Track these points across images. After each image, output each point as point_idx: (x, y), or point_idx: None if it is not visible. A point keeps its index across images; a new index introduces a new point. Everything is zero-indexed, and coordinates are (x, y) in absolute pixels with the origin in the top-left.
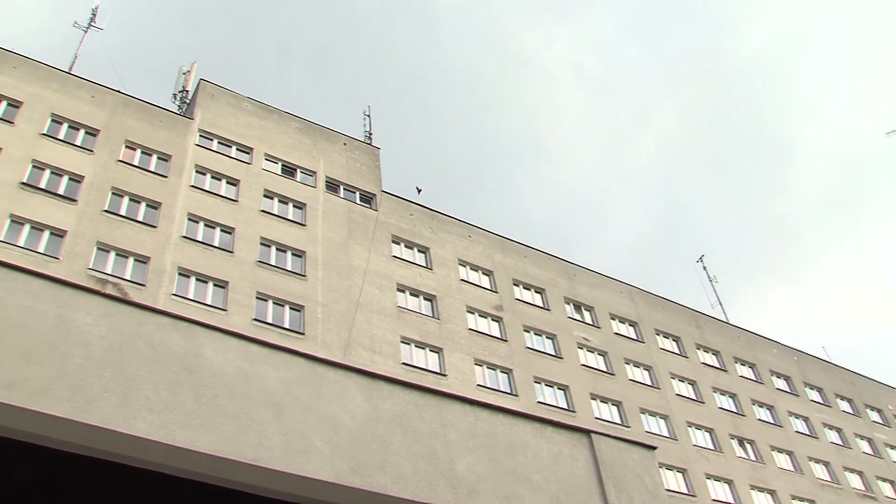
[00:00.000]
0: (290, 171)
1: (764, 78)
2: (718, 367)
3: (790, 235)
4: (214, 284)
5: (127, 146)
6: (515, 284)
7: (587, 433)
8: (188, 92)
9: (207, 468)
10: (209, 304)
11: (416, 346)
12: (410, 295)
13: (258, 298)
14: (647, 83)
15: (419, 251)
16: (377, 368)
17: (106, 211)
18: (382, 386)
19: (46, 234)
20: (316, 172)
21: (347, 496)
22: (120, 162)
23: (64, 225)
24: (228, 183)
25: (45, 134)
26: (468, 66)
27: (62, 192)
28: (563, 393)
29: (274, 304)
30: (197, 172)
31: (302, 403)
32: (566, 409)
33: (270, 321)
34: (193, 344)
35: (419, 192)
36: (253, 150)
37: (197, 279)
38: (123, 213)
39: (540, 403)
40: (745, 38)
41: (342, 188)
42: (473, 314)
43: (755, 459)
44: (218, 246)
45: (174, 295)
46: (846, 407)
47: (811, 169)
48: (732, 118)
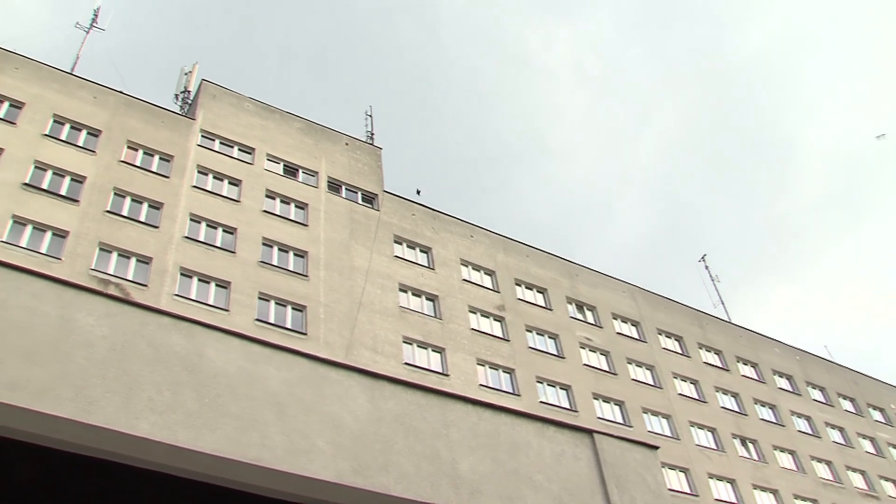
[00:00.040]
0: (291, 171)
1: (764, 78)
2: (721, 366)
3: (791, 235)
4: (216, 285)
5: (129, 147)
6: (517, 284)
7: (589, 433)
8: (190, 92)
9: (210, 468)
10: (211, 304)
11: (418, 346)
12: (412, 295)
13: (260, 299)
14: (647, 83)
15: (421, 251)
16: (379, 368)
17: (108, 211)
18: (385, 386)
19: (49, 234)
20: (318, 173)
21: (350, 496)
22: (122, 162)
23: (66, 225)
24: (230, 183)
25: (47, 135)
26: (469, 65)
27: (64, 192)
28: (565, 393)
29: (276, 304)
30: (199, 173)
31: (304, 403)
32: (568, 408)
33: (273, 321)
34: (196, 344)
35: (418, 194)
36: (255, 150)
37: (199, 279)
38: (125, 213)
39: (542, 403)
40: (745, 37)
41: (344, 188)
42: (475, 314)
43: (757, 459)
44: (220, 246)
45: (176, 295)
46: (848, 406)
47: (812, 169)
48: (733, 118)
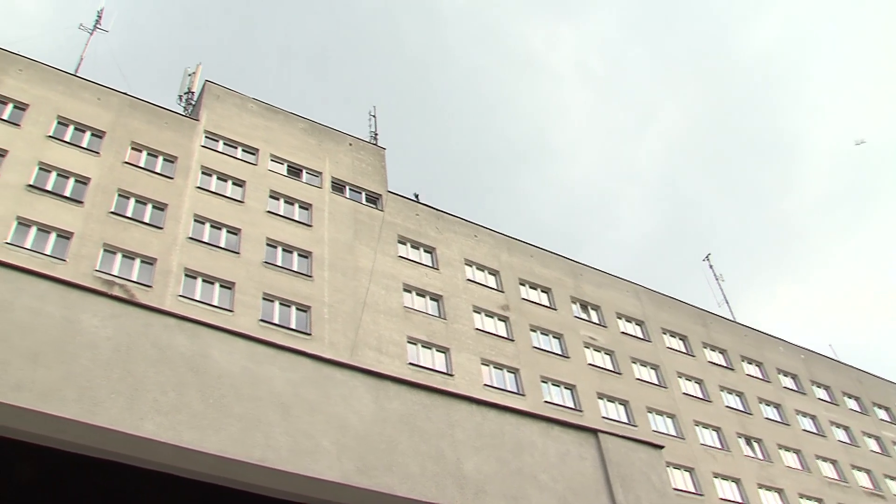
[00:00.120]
0: (295, 171)
1: (768, 77)
2: (725, 365)
3: (796, 234)
4: (221, 285)
5: (133, 148)
6: (522, 284)
7: (594, 432)
8: (193, 93)
9: (215, 469)
10: (216, 305)
11: (422, 346)
12: (417, 295)
13: (265, 299)
14: (651, 83)
15: (425, 251)
16: (384, 369)
17: (112, 213)
18: (389, 386)
19: (53, 236)
20: (322, 173)
21: (355, 496)
22: (126, 164)
23: (70, 227)
24: (234, 184)
25: (51, 136)
26: (472, 65)
27: (68, 194)
28: (569, 392)
29: (280, 304)
30: (203, 174)
31: (309, 404)
32: (573, 408)
33: (277, 322)
34: (200, 345)
35: (417, 197)
36: (258, 151)
37: (203, 280)
38: (130, 214)
39: (547, 403)
40: (749, 37)
41: (348, 189)
42: (480, 314)
43: (762, 458)
44: (224, 247)
45: (181, 296)
46: (853, 405)
47: (816, 168)
48: (737, 117)
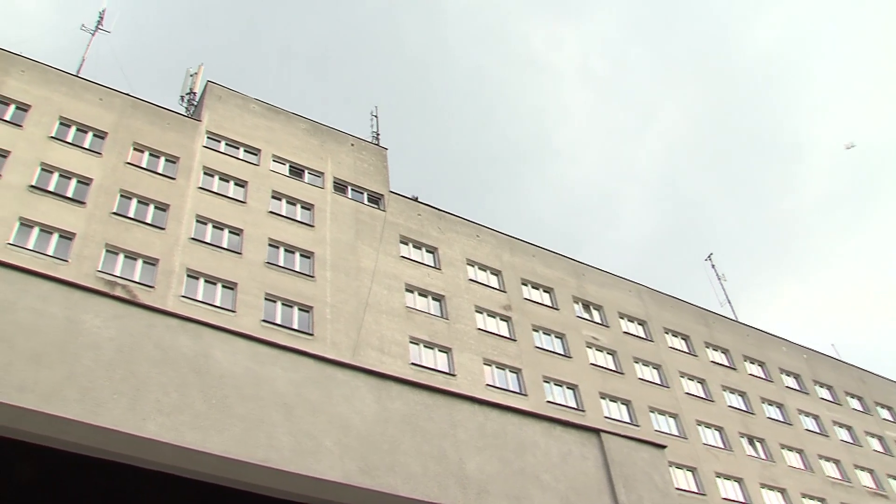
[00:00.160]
0: (297, 172)
1: (770, 77)
2: (728, 365)
3: (798, 233)
4: (223, 286)
5: (135, 148)
6: (524, 284)
7: (596, 432)
8: (195, 94)
9: (217, 469)
10: (218, 305)
11: (424, 346)
12: (419, 295)
13: (267, 300)
14: (653, 83)
15: (427, 251)
16: (386, 369)
17: (114, 213)
18: (392, 386)
19: (55, 236)
20: (324, 173)
21: (357, 497)
22: (128, 164)
23: (73, 227)
24: (236, 184)
25: (53, 137)
26: (474, 65)
27: (71, 194)
28: (572, 392)
29: (283, 305)
30: (205, 174)
31: (311, 404)
32: (575, 408)
33: (279, 322)
34: (202, 345)
35: (416, 199)
36: (260, 151)
37: (206, 281)
38: (132, 215)
39: (549, 403)
40: (751, 37)
41: (350, 189)
42: (482, 314)
43: (765, 458)
44: (226, 247)
45: (183, 297)
46: (856, 405)
47: (818, 167)
48: (739, 117)
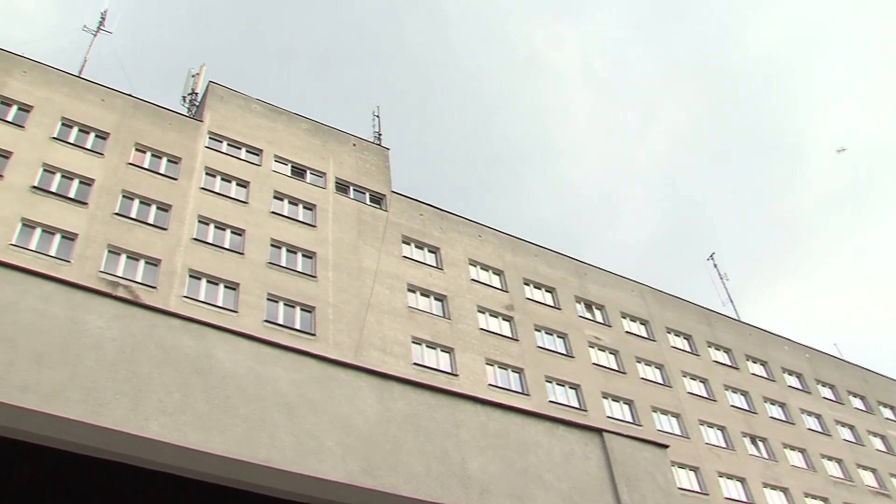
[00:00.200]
0: (299, 172)
1: (771, 76)
2: (730, 364)
3: (800, 233)
4: (225, 286)
5: (137, 149)
6: (526, 284)
7: (599, 432)
8: (197, 94)
9: (219, 469)
10: (220, 305)
11: (427, 346)
12: (421, 295)
13: (269, 300)
14: (654, 82)
15: (429, 251)
16: (388, 369)
17: (116, 214)
18: (394, 386)
19: (58, 237)
20: (325, 173)
21: (359, 497)
22: (130, 165)
23: (75, 228)
24: (238, 185)
25: (55, 138)
26: (476, 65)
27: (73, 195)
28: (574, 392)
29: (285, 305)
30: (207, 174)
31: (313, 404)
32: (578, 408)
33: (281, 322)
34: (205, 346)
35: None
36: (262, 151)
37: (208, 281)
38: (134, 215)
39: (551, 402)
40: (752, 36)
41: (352, 189)
42: (484, 314)
43: (767, 457)
44: (228, 248)
45: (185, 297)
46: (859, 404)
47: (820, 167)
48: (740, 117)
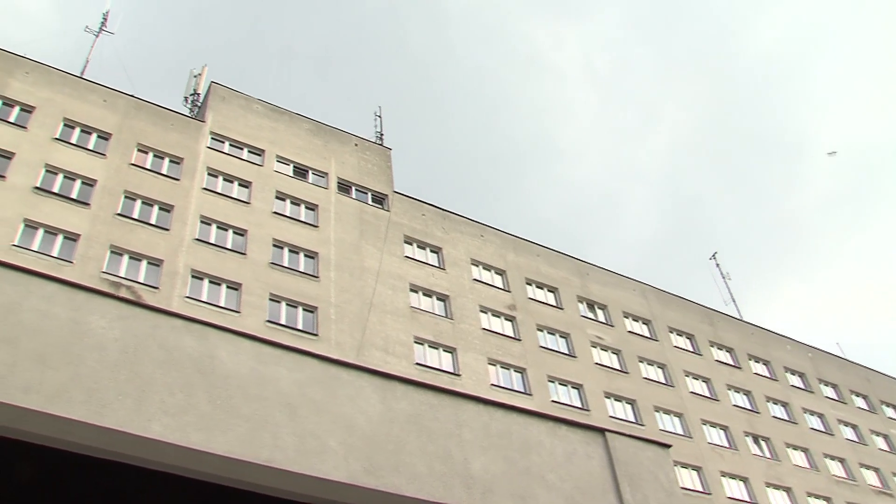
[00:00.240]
0: (301, 172)
1: (773, 76)
2: (732, 364)
3: (802, 232)
4: (227, 286)
5: (139, 149)
6: (528, 283)
7: (601, 432)
8: (199, 95)
9: (222, 470)
10: (222, 306)
11: (429, 346)
12: (423, 295)
13: (271, 300)
14: (655, 82)
15: (431, 251)
16: (391, 369)
17: (119, 214)
18: (396, 386)
19: (60, 237)
20: (327, 174)
21: (362, 497)
22: (132, 165)
23: (77, 229)
24: (240, 185)
25: (57, 138)
26: (477, 65)
27: (75, 195)
28: (577, 392)
29: (287, 305)
30: (209, 175)
31: (316, 404)
32: (580, 407)
33: (284, 322)
34: (207, 346)
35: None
36: (264, 151)
37: (210, 281)
38: (136, 216)
39: (554, 402)
40: (753, 36)
41: (354, 189)
42: (486, 314)
43: (770, 457)
44: (231, 248)
45: (187, 297)
46: (861, 403)
47: (821, 166)
48: (742, 116)
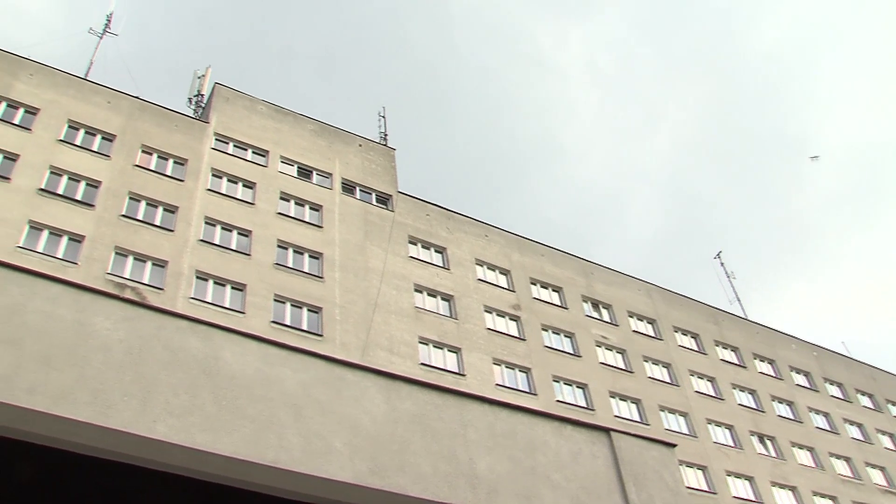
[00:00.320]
0: (305, 173)
1: (778, 75)
2: (737, 363)
3: (807, 231)
4: (232, 287)
5: (143, 151)
6: (533, 283)
7: (606, 431)
8: (203, 96)
9: (227, 470)
10: (227, 307)
11: (434, 346)
12: (428, 295)
13: (276, 301)
14: (660, 81)
15: (436, 251)
16: (395, 369)
17: (123, 215)
18: (401, 386)
19: (65, 239)
20: (332, 174)
21: (367, 497)
22: (136, 167)
23: (82, 230)
24: (245, 186)
25: (62, 140)
26: (481, 65)
27: (80, 197)
28: (581, 391)
29: (292, 306)
30: (213, 176)
31: (321, 405)
32: (585, 407)
33: (288, 323)
34: (212, 347)
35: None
36: (269, 152)
37: (215, 282)
38: (141, 217)
39: (559, 402)
40: (758, 34)
41: (358, 189)
42: (491, 313)
43: (775, 456)
44: (235, 249)
45: (192, 298)
46: (867, 402)
47: (826, 165)
48: (746, 116)
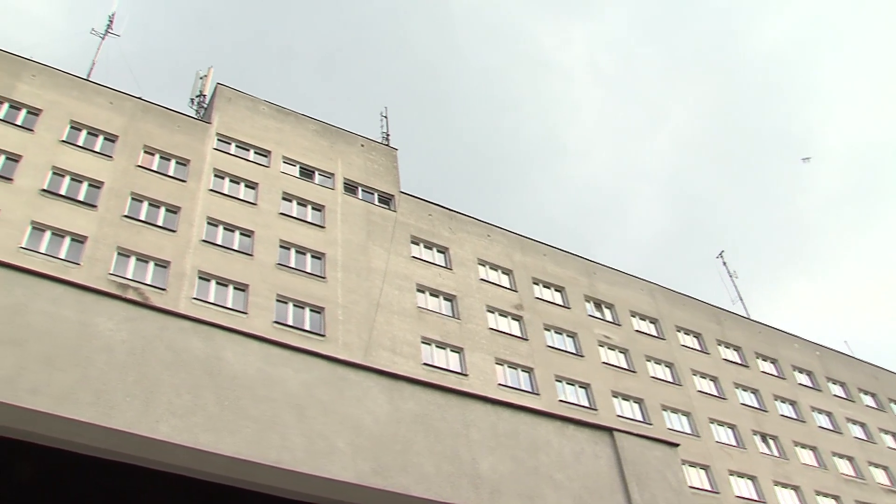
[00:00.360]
0: (308, 173)
1: (780, 74)
2: (740, 362)
3: (809, 231)
4: (235, 288)
5: (145, 151)
6: (535, 283)
7: (609, 431)
8: (205, 96)
9: (230, 470)
10: (230, 307)
11: (436, 346)
12: (430, 295)
13: (278, 301)
14: (662, 81)
15: (438, 251)
16: (398, 369)
17: (126, 216)
18: (404, 386)
19: (67, 240)
20: (334, 174)
21: (370, 497)
22: (139, 167)
23: (84, 231)
24: (247, 186)
25: (64, 141)
26: (484, 65)
27: (82, 198)
28: (584, 391)
29: (294, 306)
30: (215, 176)
31: (324, 405)
32: (588, 407)
33: (291, 323)
34: (215, 347)
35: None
36: (271, 153)
37: (217, 283)
38: (143, 217)
39: (561, 402)
40: (760, 34)
41: (360, 190)
42: (493, 313)
43: (778, 455)
44: (237, 249)
45: (195, 299)
46: (870, 401)
47: (829, 165)
48: (748, 115)
